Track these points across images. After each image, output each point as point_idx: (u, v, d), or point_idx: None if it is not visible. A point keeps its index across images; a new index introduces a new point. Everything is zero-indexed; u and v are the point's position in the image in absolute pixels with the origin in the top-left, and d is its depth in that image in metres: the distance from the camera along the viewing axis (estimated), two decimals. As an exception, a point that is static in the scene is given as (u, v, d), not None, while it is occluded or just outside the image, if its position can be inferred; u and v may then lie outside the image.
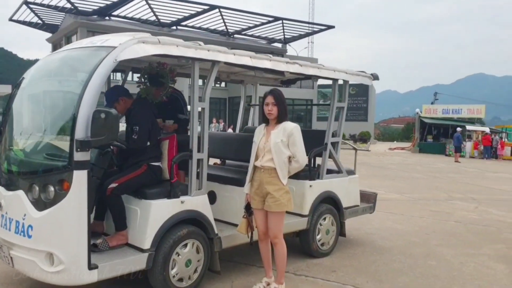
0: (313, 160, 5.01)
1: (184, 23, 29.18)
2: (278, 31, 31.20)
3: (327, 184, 4.97)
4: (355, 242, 5.61)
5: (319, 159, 5.05)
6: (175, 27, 29.45)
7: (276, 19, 29.15)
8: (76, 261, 2.97)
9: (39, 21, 29.97)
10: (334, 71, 4.95)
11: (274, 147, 3.57)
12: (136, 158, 3.74)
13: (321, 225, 4.84)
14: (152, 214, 3.45)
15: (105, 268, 3.11)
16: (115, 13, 27.46)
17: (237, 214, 4.09)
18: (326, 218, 4.90)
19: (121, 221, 3.55)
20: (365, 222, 6.60)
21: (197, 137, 3.72)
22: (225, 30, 30.61)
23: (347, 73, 5.11)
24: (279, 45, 34.22)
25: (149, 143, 3.76)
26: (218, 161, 5.84)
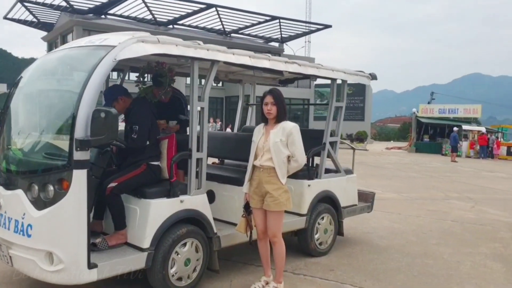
0: (312, 160, 5.03)
1: (181, 22, 29.04)
2: (275, 30, 31.14)
3: (326, 184, 4.99)
4: (353, 241, 5.63)
5: (318, 159, 5.07)
6: (172, 26, 29.32)
7: (273, 18, 29.07)
8: (76, 260, 2.97)
9: (34, 20, 29.72)
10: (333, 71, 4.96)
11: (273, 147, 3.58)
12: (136, 158, 3.74)
13: (319, 224, 4.86)
14: (152, 213, 3.45)
15: (105, 267, 3.12)
16: (111, 12, 27.27)
17: (236, 213, 4.09)
18: (324, 217, 4.92)
19: (121, 220, 3.55)
20: (363, 221, 6.62)
21: (196, 137, 3.72)
22: (222, 29, 30.51)
23: (346, 73, 5.12)
24: (276, 45, 34.18)
25: (149, 143, 3.76)
26: (217, 161, 5.84)
